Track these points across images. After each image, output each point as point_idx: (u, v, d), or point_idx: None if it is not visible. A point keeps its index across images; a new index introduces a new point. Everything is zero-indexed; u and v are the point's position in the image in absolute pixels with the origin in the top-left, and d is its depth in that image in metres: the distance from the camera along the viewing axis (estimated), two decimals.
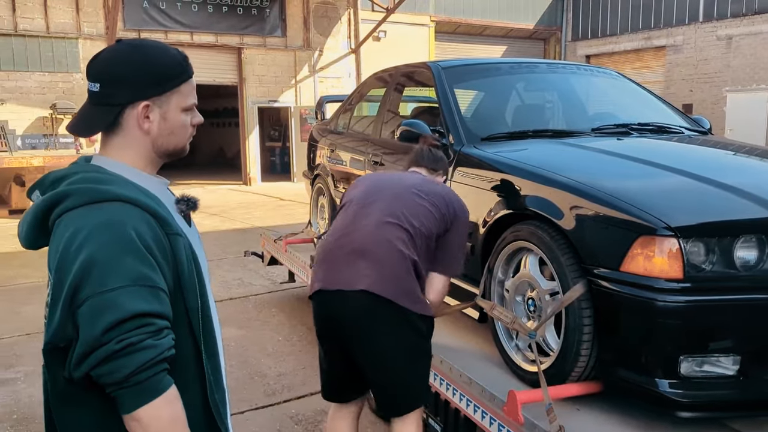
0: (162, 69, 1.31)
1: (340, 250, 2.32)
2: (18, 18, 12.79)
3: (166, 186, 1.40)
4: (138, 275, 1.15)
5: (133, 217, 1.20)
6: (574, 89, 3.88)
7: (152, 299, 1.16)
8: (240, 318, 5.39)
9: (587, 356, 2.29)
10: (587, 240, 2.27)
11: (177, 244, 1.26)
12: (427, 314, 2.31)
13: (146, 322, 1.14)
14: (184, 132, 1.36)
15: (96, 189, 1.22)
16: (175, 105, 1.33)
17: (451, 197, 2.46)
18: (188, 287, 1.27)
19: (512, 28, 19.59)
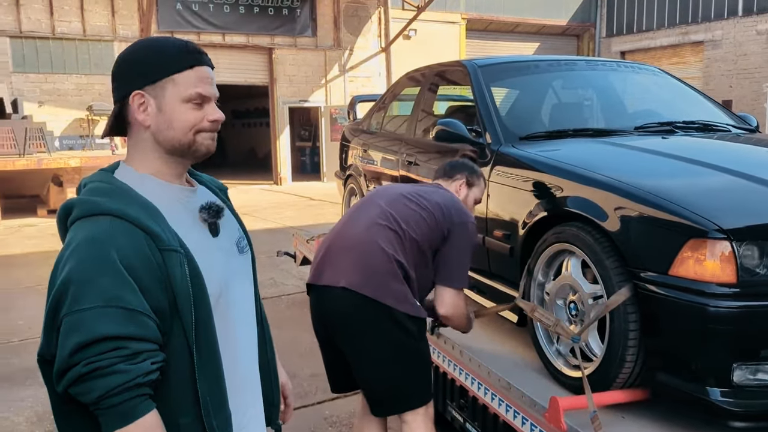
0: (153, 58, 1.27)
1: (330, 248, 2.40)
2: (55, 21, 13.06)
3: (191, 193, 1.36)
4: (111, 296, 1.11)
5: (118, 233, 1.16)
6: (615, 87, 3.78)
7: (126, 322, 1.11)
8: (272, 318, 5.33)
9: (633, 362, 2.22)
10: (633, 242, 2.19)
11: (171, 260, 1.19)
12: (416, 315, 2.30)
13: (118, 345, 1.10)
14: (187, 126, 1.27)
15: (91, 202, 1.20)
16: (172, 95, 1.27)
17: (449, 206, 2.43)
18: (183, 305, 1.21)
19: (544, 25, 19.32)
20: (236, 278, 1.39)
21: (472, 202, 2.69)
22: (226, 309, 1.34)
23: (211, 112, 1.30)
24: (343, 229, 2.44)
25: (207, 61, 1.32)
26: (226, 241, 1.38)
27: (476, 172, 2.72)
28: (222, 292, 1.32)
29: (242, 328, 1.41)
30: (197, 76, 1.28)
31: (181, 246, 1.22)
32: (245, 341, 1.42)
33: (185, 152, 1.30)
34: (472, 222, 2.45)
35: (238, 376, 1.38)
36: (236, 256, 1.41)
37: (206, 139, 1.31)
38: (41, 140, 10.70)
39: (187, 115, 1.27)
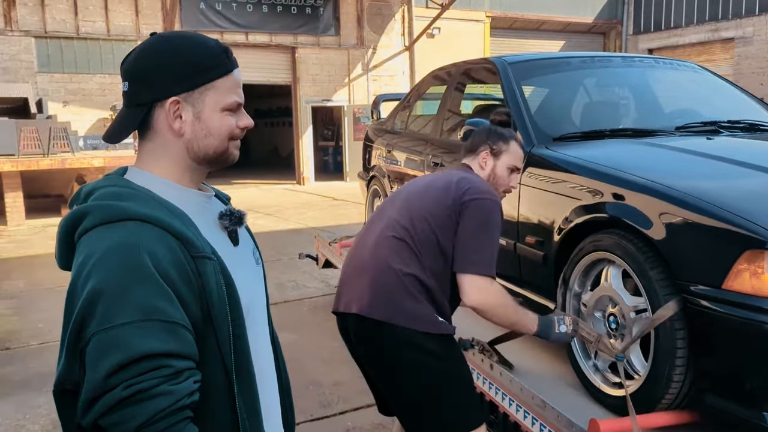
0: (192, 61, 1.14)
1: (347, 269, 2.24)
2: (80, 21, 13.14)
3: (208, 199, 1.25)
4: (150, 308, 0.98)
5: (149, 238, 1.03)
6: (653, 84, 3.59)
7: (167, 336, 0.98)
8: (294, 322, 5.29)
9: (680, 382, 2.05)
10: (681, 253, 2.02)
11: (205, 267, 1.08)
12: (436, 332, 2.05)
13: (160, 363, 0.97)
14: (225, 134, 1.18)
15: (113, 206, 1.06)
16: (212, 102, 1.16)
17: (459, 186, 2.13)
18: (219, 317, 1.09)
19: (570, 23, 19.02)
20: (255, 290, 1.30)
21: (504, 173, 2.32)
22: (252, 322, 1.23)
23: (242, 118, 1.22)
24: (355, 248, 2.28)
25: (237, 65, 1.24)
26: (244, 250, 1.29)
27: (502, 136, 2.34)
28: (251, 304, 1.22)
29: (263, 343, 1.31)
30: (234, 81, 1.20)
31: (213, 253, 1.11)
32: (266, 357, 1.33)
33: (216, 160, 1.21)
34: (489, 199, 2.11)
35: (265, 394, 1.27)
36: (254, 266, 1.32)
37: (235, 147, 1.23)
38: (65, 140, 10.75)
39: (225, 122, 1.18)
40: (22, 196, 10.44)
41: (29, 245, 8.63)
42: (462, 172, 2.29)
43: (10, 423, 3.59)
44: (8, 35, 12.56)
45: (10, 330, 5.19)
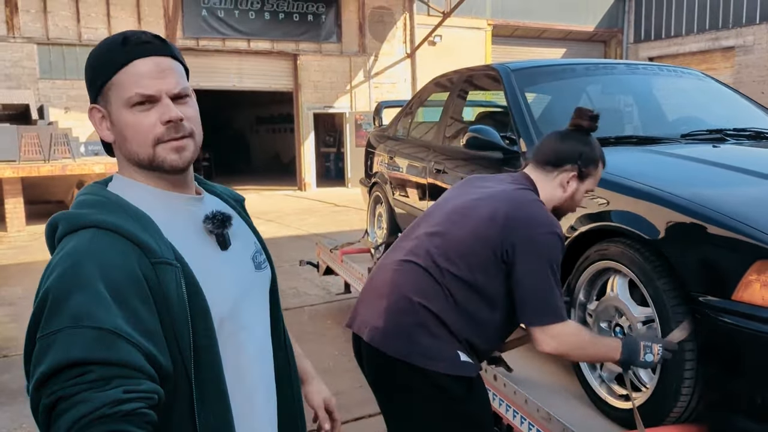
0: (92, 63, 1.12)
1: (367, 286, 2.03)
2: (82, 28, 13.15)
3: (196, 202, 1.19)
4: (82, 314, 0.94)
5: (103, 247, 1.01)
6: (657, 92, 3.56)
7: (94, 344, 0.92)
8: (295, 330, 5.22)
9: (689, 395, 2.01)
10: (690, 262, 1.98)
11: (164, 274, 1.03)
12: (457, 374, 1.79)
13: (83, 371, 0.91)
14: (142, 135, 1.08)
15: (77, 215, 1.06)
16: (116, 102, 1.09)
17: (510, 217, 1.78)
18: (179, 326, 1.04)
19: (571, 31, 19.06)
20: (250, 298, 1.22)
21: (581, 197, 1.98)
22: (236, 332, 1.16)
23: (164, 111, 1.08)
24: (380, 263, 2.03)
25: (154, 51, 1.09)
26: (239, 254, 1.22)
27: (593, 156, 1.92)
28: (231, 313, 1.15)
29: (255, 356, 1.22)
30: (136, 72, 1.07)
31: (177, 260, 1.06)
32: (260, 371, 1.24)
33: (150, 167, 1.12)
34: (550, 232, 1.76)
35: (252, 412, 1.20)
36: (251, 272, 1.24)
37: (168, 152, 1.10)
38: (66, 146, 10.73)
39: (137, 120, 1.08)
40: (23, 202, 10.41)
41: (29, 251, 8.60)
42: (514, 190, 1.90)
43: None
44: (11, 42, 12.57)
45: (7, 337, 5.15)
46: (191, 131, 1.13)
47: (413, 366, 1.78)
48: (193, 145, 1.14)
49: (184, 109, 1.11)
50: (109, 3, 13.36)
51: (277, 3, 14.92)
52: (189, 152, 1.13)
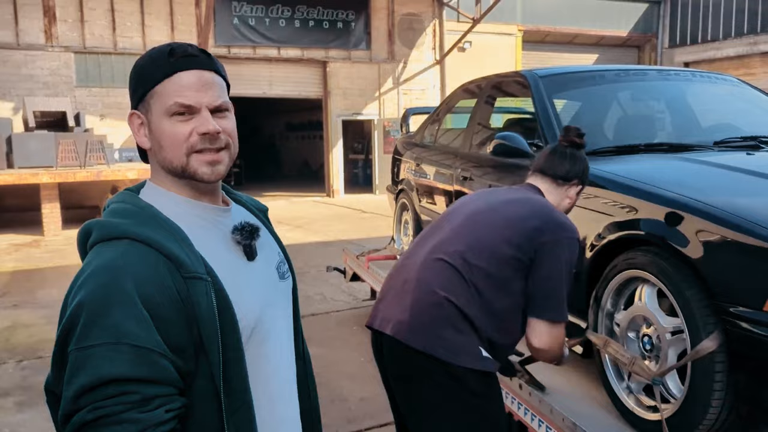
0: (138, 71, 1.14)
1: (388, 284, 2.09)
2: (117, 37, 13.45)
3: (223, 212, 1.20)
4: (123, 332, 0.96)
5: (136, 259, 1.02)
6: (690, 98, 3.49)
7: (137, 361, 0.96)
8: (321, 336, 5.27)
9: (719, 407, 1.97)
10: (720, 272, 1.95)
11: (196, 289, 1.05)
12: (480, 369, 1.86)
13: (127, 389, 0.95)
14: (177, 145, 1.10)
15: (110, 224, 1.07)
16: (157, 110, 1.11)
17: (540, 222, 1.91)
18: (209, 340, 1.05)
19: (603, 36, 18.81)
20: (274, 307, 1.23)
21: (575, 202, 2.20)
22: (261, 342, 1.18)
23: (201, 123, 1.10)
24: (402, 262, 2.10)
25: (199, 64, 1.12)
26: (264, 265, 1.23)
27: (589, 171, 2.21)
28: (257, 323, 1.16)
29: (279, 364, 1.24)
30: (179, 83, 1.10)
31: (208, 273, 1.07)
32: (283, 379, 1.26)
33: (183, 176, 1.13)
34: (570, 236, 1.91)
35: (274, 419, 1.21)
36: (275, 282, 1.26)
37: (201, 164, 1.11)
38: (101, 152, 10.98)
39: (174, 130, 1.10)
40: (59, 207, 10.68)
41: (64, 255, 8.80)
42: (535, 196, 2.06)
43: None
44: (49, 51, 12.92)
45: (43, 339, 5.27)
46: (227, 144, 1.14)
47: (437, 359, 1.83)
48: (228, 158, 1.16)
49: (222, 122, 1.13)
50: (143, 12, 13.66)
51: (307, 11, 15.07)
52: (223, 165, 1.14)
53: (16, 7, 12.63)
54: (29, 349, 5.03)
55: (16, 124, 11.98)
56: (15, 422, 3.74)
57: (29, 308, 6.26)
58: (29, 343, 5.17)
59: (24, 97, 12.07)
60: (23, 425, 3.71)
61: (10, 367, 4.63)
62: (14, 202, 11.79)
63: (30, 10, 12.74)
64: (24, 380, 4.39)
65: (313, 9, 15.12)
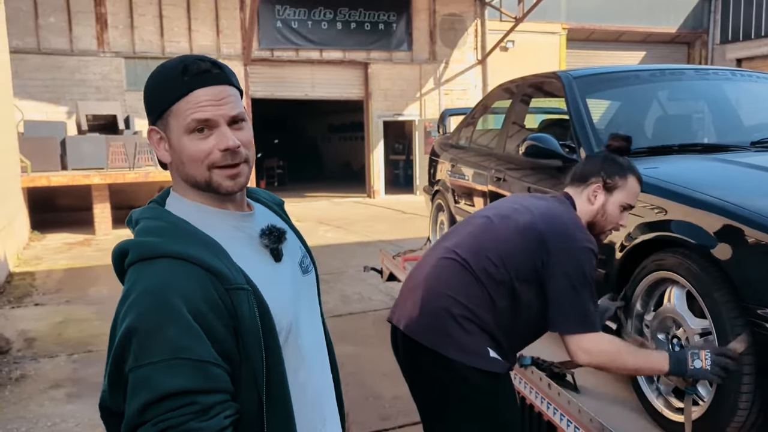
0: (153, 89, 1.16)
1: (406, 282, 2.14)
2: (165, 42, 13.86)
3: (248, 218, 1.24)
4: (178, 348, 1.00)
5: (180, 276, 1.05)
6: (729, 97, 3.43)
7: (194, 374, 1.00)
8: (358, 334, 5.34)
9: (747, 410, 1.95)
10: (749, 274, 1.93)
11: (239, 299, 1.08)
12: (484, 368, 1.87)
13: (188, 401, 0.98)
14: (198, 161, 1.13)
15: (147, 244, 1.10)
16: (176, 128, 1.14)
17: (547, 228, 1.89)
18: (252, 348, 1.09)
19: (651, 33, 18.39)
20: (303, 304, 1.28)
21: (616, 211, 2.04)
22: (296, 342, 1.22)
23: (221, 139, 1.12)
24: (420, 261, 2.16)
25: (216, 79, 1.14)
26: (289, 264, 1.27)
27: (619, 169, 2.03)
28: (292, 324, 1.21)
29: (313, 359, 1.29)
30: (195, 101, 1.12)
31: (247, 282, 1.11)
32: (317, 373, 1.31)
33: (207, 189, 1.16)
34: (581, 246, 1.87)
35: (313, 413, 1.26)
36: (301, 278, 1.30)
37: (224, 179, 1.15)
38: (149, 154, 11.32)
39: (194, 147, 1.13)
40: (110, 207, 11.07)
41: None
42: (553, 204, 2.04)
43: (87, 423, 3.79)
44: (100, 56, 13.41)
45: (93, 334, 5.50)
46: (246, 157, 1.17)
47: (444, 356, 1.87)
48: (247, 170, 1.20)
49: (239, 134, 1.15)
50: (190, 18, 14.03)
51: (348, 13, 15.22)
52: (243, 177, 1.18)
53: (70, 15, 13.16)
54: (80, 343, 5.25)
55: (69, 127, 12.47)
56: (66, 413, 3.93)
57: (81, 304, 6.52)
58: (80, 338, 5.40)
59: (77, 101, 12.57)
60: (73, 416, 3.89)
61: (61, 360, 4.85)
62: (67, 202, 12.28)
63: (83, 18, 13.25)
64: (74, 373, 4.60)
65: (354, 11, 15.25)
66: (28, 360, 4.87)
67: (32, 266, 8.50)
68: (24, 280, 7.65)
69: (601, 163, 2.06)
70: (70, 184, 10.73)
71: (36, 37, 12.92)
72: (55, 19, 13.06)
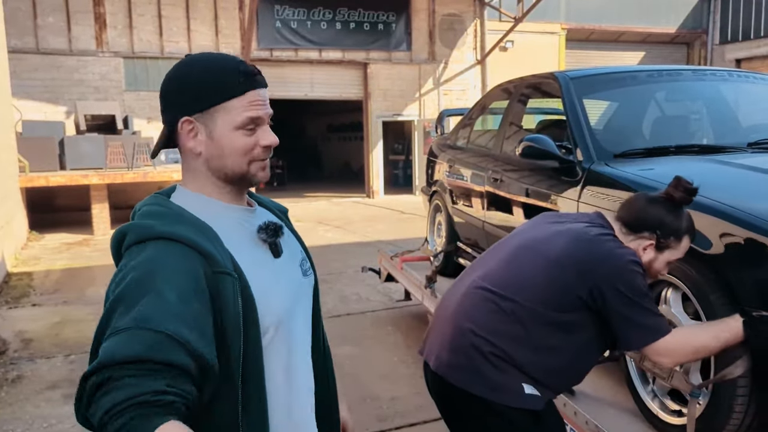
0: (203, 82, 1.19)
1: (436, 313, 2.07)
2: (164, 42, 13.85)
3: (250, 213, 1.28)
4: (147, 317, 1.02)
5: (171, 256, 1.09)
6: (726, 99, 3.42)
7: (155, 345, 1.00)
8: (356, 335, 5.34)
9: (742, 412, 1.95)
10: (744, 276, 1.93)
11: (224, 283, 1.12)
12: (522, 407, 1.78)
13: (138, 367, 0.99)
14: (239, 154, 1.21)
15: (143, 226, 1.14)
16: (223, 122, 1.19)
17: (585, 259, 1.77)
18: (232, 334, 1.12)
19: (650, 33, 18.39)
20: (299, 303, 1.31)
21: (661, 266, 1.87)
22: (287, 336, 1.25)
23: (264, 136, 1.22)
24: (448, 292, 2.05)
25: (262, 82, 1.24)
26: (289, 262, 1.30)
27: (678, 229, 1.83)
28: (283, 318, 1.23)
29: (303, 357, 1.32)
30: (249, 100, 1.20)
31: (234, 269, 1.14)
32: (305, 370, 1.33)
33: (238, 180, 1.24)
34: (625, 261, 1.75)
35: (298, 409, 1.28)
36: (299, 278, 1.33)
37: (259, 169, 1.24)
38: (148, 154, 11.31)
39: (239, 142, 1.20)
40: (108, 207, 11.06)
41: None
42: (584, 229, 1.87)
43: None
44: (99, 56, 13.39)
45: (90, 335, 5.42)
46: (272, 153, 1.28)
47: (476, 396, 1.80)
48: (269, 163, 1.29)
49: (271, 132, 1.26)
50: (189, 18, 14.02)
51: (348, 13, 15.21)
52: (269, 169, 1.27)
53: (69, 15, 13.14)
54: (77, 344, 5.24)
55: (68, 127, 12.46)
56: (62, 414, 3.92)
57: (79, 305, 6.51)
58: (77, 338, 5.39)
59: (76, 101, 12.55)
60: (69, 417, 3.88)
61: (58, 361, 4.84)
62: (66, 202, 12.26)
63: (82, 18, 13.24)
64: (71, 374, 4.58)
65: (354, 11, 15.24)
66: (25, 361, 4.86)
67: (30, 266, 8.49)
68: (22, 281, 7.63)
69: (661, 217, 1.83)
70: (69, 184, 10.72)
71: (35, 37, 12.90)
72: (54, 18, 13.04)
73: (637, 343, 1.75)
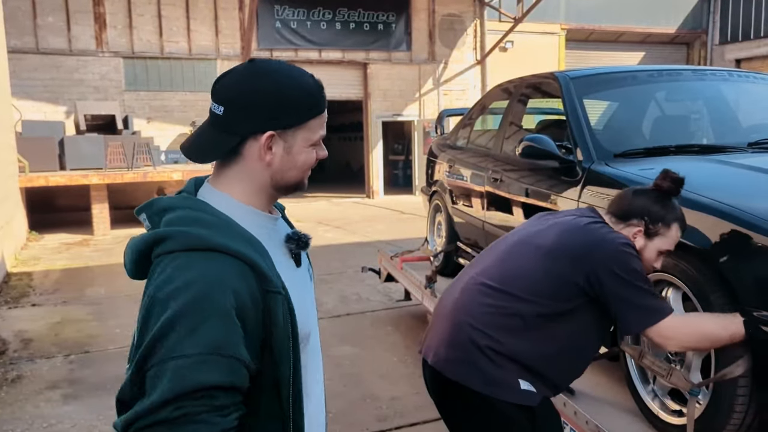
0: (293, 101, 1.17)
1: (435, 311, 2.09)
2: (164, 42, 13.85)
3: (275, 222, 1.26)
4: (218, 343, 1.00)
5: (230, 272, 1.05)
6: (726, 98, 3.42)
7: (227, 372, 1.00)
8: (356, 335, 5.33)
9: (743, 412, 1.95)
10: (744, 275, 1.92)
11: (275, 303, 1.10)
12: (517, 402, 1.79)
13: (210, 394, 0.99)
14: (307, 167, 1.23)
15: (194, 235, 1.08)
16: (302, 139, 1.20)
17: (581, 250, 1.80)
18: (281, 352, 1.11)
19: (650, 33, 18.39)
20: (312, 311, 1.31)
21: (652, 255, 1.87)
22: (313, 349, 1.27)
23: (321, 150, 1.26)
24: (448, 289, 2.07)
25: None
26: (303, 269, 1.30)
27: (666, 215, 1.86)
28: (311, 331, 1.24)
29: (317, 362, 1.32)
30: (323, 120, 1.23)
31: (283, 287, 1.12)
32: (319, 375, 1.34)
33: (293, 189, 1.25)
34: (617, 244, 1.78)
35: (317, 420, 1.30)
36: (309, 284, 1.33)
37: (306, 178, 1.28)
38: (147, 154, 11.32)
39: (309, 156, 1.23)
40: (108, 208, 11.05)
41: (112, 254, 9.10)
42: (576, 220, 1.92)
43: (84, 424, 3.78)
44: (99, 56, 13.39)
45: (90, 334, 5.49)
46: None
47: (473, 391, 1.81)
48: None
49: None
50: (189, 18, 14.02)
51: (348, 13, 15.21)
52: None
53: (69, 14, 13.14)
54: (77, 344, 5.24)
55: (68, 127, 12.46)
56: (62, 414, 3.91)
57: (78, 305, 6.51)
58: (77, 338, 5.38)
59: (75, 101, 12.55)
60: (69, 417, 3.88)
61: (58, 361, 4.84)
62: (66, 202, 12.26)
63: (81, 18, 13.24)
64: (71, 374, 4.58)
65: (353, 11, 15.25)
66: (25, 361, 4.86)
67: (30, 266, 8.48)
68: (21, 281, 7.63)
69: (648, 205, 1.87)
70: (69, 184, 10.71)
71: (34, 37, 12.90)
72: (54, 18, 13.04)
73: (637, 325, 1.76)
